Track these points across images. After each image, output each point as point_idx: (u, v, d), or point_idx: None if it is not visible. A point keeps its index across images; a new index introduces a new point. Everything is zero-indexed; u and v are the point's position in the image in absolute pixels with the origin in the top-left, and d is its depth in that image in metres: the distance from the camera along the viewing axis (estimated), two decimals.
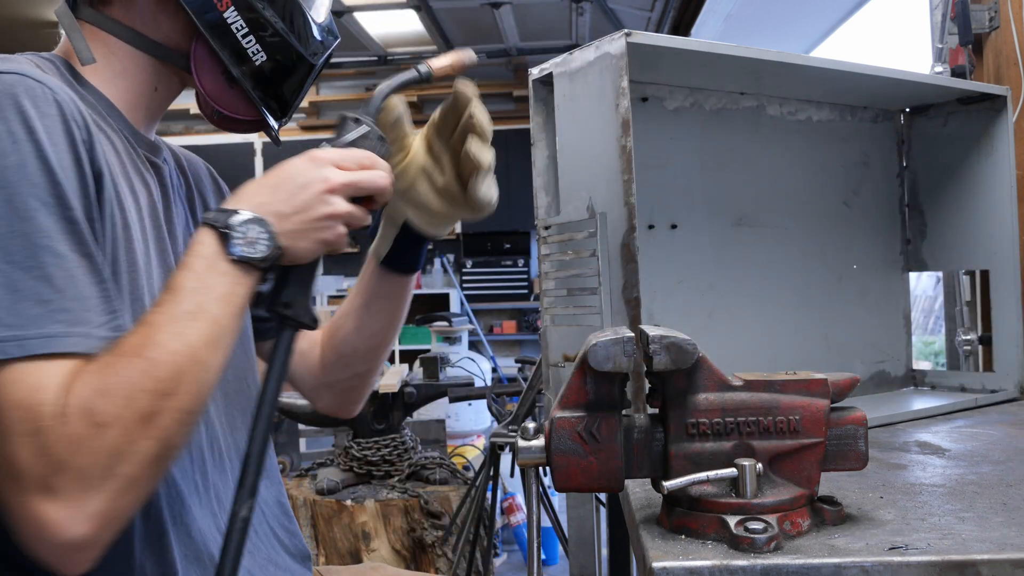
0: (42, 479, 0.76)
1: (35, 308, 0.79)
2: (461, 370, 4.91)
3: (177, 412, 0.82)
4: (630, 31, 1.09)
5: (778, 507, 0.75)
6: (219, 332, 0.86)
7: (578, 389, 0.78)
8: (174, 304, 0.85)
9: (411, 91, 8.08)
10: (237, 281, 0.89)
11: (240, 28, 1.01)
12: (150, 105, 1.07)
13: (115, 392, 0.79)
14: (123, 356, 0.81)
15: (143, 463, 0.80)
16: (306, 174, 0.93)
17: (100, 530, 0.78)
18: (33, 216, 0.81)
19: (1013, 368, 1.53)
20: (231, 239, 0.88)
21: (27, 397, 0.76)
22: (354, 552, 2.65)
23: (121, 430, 0.78)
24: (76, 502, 0.76)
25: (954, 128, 1.59)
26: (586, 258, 1.18)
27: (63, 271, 0.81)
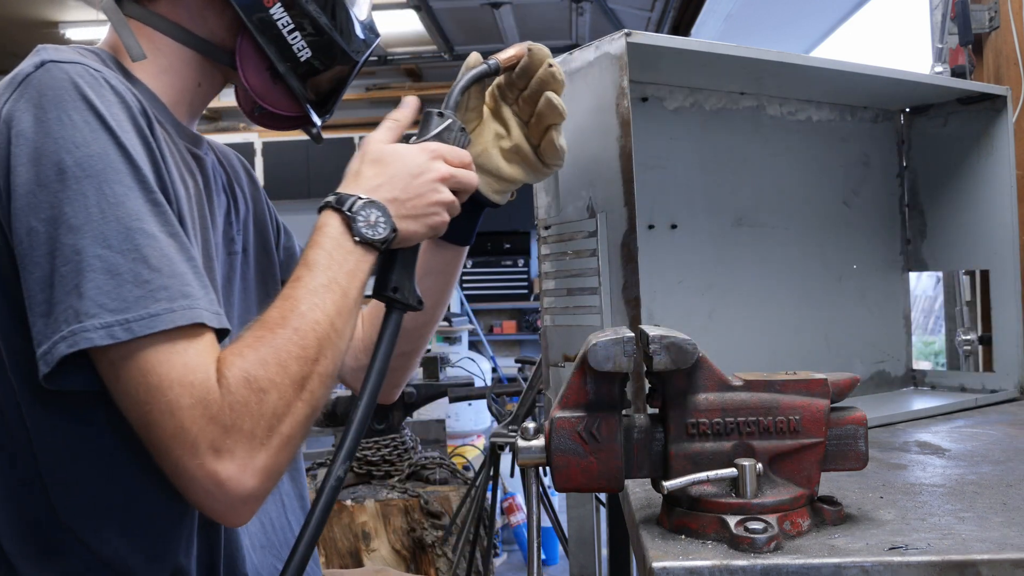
0: (214, 443, 0.83)
1: (136, 290, 0.83)
2: (461, 370, 4.92)
3: (322, 376, 0.90)
4: (630, 31, 1.09)
5: (778, 507, 0.75)
6: (349, 304, 0.94)
7: (578, 389, 0.78)
8: (310, 278, 0.92)
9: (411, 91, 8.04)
10: (361, 259, 0.96)
11: (286, 24, 1.03)
12: (193, 100, 1.10)
13: (270, 360, 0.86)
14: (271, 328, 0.89)
15: (298, 422, 0.88)
16: (420, 164, 1.01)
17: (265, 483, 0.87)
18: (122, 201, 0.85)
19: (1013, 368, 1.53)
20: (355, 221, 0.96)
21: (184, 375, 0.83)
22: (354, 552, 2.65)
23: (279, 394, 0.86)
24: (245, 460, 0.84)
25: (954, 128, 1.59)
26: (586, 258, 1.18)
27: (157, 251, 0.85)
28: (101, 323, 0.82)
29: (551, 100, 1.08)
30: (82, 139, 0.86)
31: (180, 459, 0.84)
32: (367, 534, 2.67)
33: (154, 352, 0.83)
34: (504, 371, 6.06)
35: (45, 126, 0.86)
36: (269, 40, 1.04)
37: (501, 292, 8.06)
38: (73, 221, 0.84)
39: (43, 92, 0.88)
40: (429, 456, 2.94)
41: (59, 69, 0.89)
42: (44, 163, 0.85)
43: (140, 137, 0.91)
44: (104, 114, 0.88)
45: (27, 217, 0.85)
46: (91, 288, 0.82)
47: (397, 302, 1.01)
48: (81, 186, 0.84)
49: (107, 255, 0.83)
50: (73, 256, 0.83)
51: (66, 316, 0.82)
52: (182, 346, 0.84)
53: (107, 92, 0.90)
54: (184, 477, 0.85)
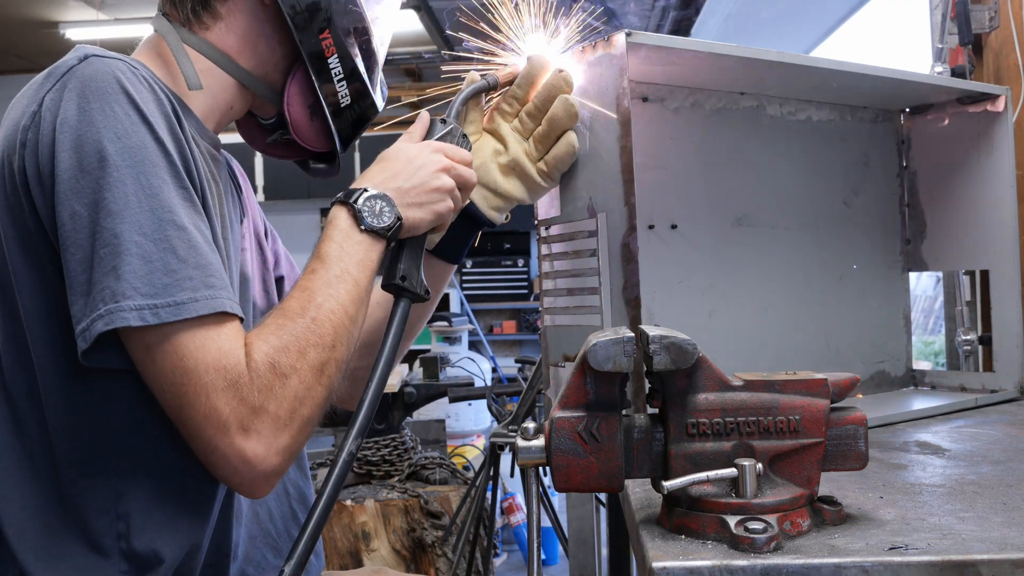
0: (243, 423, 0.89)
1: (165, 278, 0.88)
2: (461, 370, 4.91)
3: (338, 362, 0.97)
4: (630, 31, 1.09)
5: (778, 507, 0.75)
6: (360, 292, 1.01)
7: (578, 389, 0.78)
8: (324, 271, 0.99)
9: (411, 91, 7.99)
10: (369, 247, 1.03)
11: (338, 73, 1.14)
12: (221, 120, 1.16)
13: (291, 347, 0.93)
14: (290, 317, 0.95)
15: (317, 406, 0.95)
16: (422, 156, 1.08)
17: (285, 462, 0.93)
18: (157, 192, 0.91)
19: (1013, 368, 1.53)
20: (361, 212, 1.02)
21: (218, 359, 0.89)
22: (354, 552, 2.65)
23: (300, 379, 0.93)
24: (270, 440, 0.91)
25: (954, 128, 1.59)
26: (586, 258, 1.18)
27: (185, 242, 0.90)
28: (135, 304, 0.87)
29: (568, 100, 1.14)
30: (123, 130, 0.91)
31: (212, 438, 0.90)
32: (367, 534, 2.67)
33: (190, 337, 0.89)
34: (504, 371, 6.05)
35: (88, 115, 0.91)
36: (323, 84, 1.13)
37: (501, 292, 8.06)
38: (113, 207, 0.89)
39: (87, 83, 0.92)
40: (429, 456, 2.94)
41: (102, 63, 0.94)
42: (87, 150, 0.90)
43: (172, 134, 0.96)
44: (143, 108, 0.93)
45: (70, 201, 0.89)
46: (127, 271, 0.87)
47: (405, 291, 1.06)
48: (121, 174, 0.90)
49: (142, 241, 0.88)
50: (112, 240, 0.88)
51: (103, 296, 0.87)
52: (214, 332, 0.90)
53: (144, 89, 0.95)
54: (215, 454, 0.91)
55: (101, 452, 0.96)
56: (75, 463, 0.96)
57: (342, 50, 1.12)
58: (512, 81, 1.19)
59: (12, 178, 0.93)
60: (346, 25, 1.12)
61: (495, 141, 1.20)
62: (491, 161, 1.19)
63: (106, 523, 0.96)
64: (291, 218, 7.54)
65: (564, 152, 1.16)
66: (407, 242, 1.07)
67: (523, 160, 1.18)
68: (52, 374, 0.95)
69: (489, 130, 1.21)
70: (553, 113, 1.15)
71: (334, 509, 2.67)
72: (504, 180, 1.19)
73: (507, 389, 3.07)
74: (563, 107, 1.14)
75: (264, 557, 1.16)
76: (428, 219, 1.08)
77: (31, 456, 0.96)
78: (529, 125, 1.18)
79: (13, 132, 0.94)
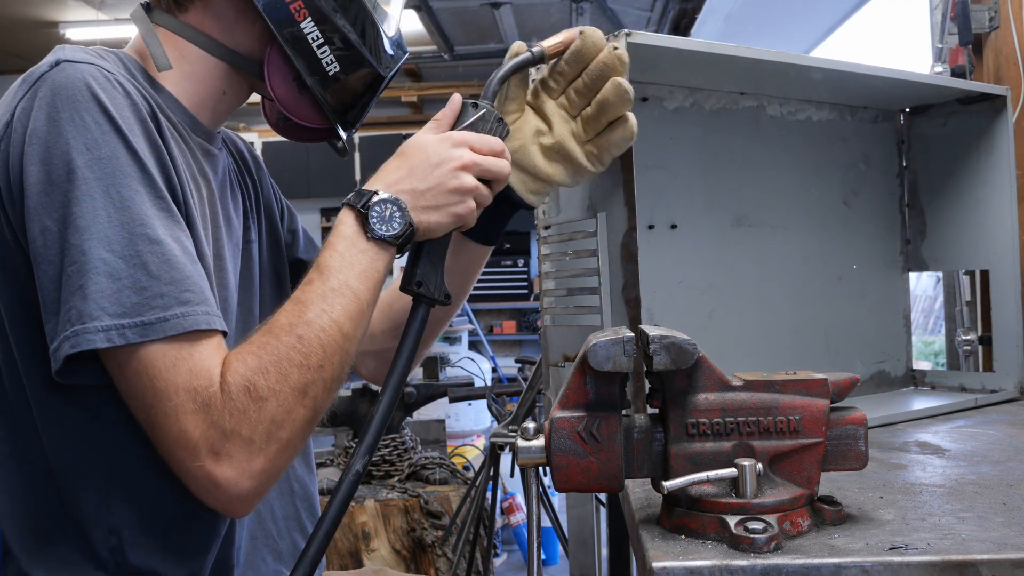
0: (213, 447, 0.86)
1: (134, 296, 0.84)
2: (461, 370, 4.91)
3: (326, 382, 0.92)
4: (630, 31, 1.09)
5: (778, 507, 0.75)
6: (360, 306, 0.95)
7: (578, 389, 0.78)
8: (321, 282, 0.93)
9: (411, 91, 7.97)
10: (376, 257, 0.97)
11: (316, 39, 1.03)
12: (217, 107, 1.10)
13: (271, 369, 0.88)
14: (276, 335, 0.90)
15: (298, 428, 0.90)
16: (440, 153, 1.00)
17: (262, 485, 0.90)
18: (128, 205, 0.87)
19: (1013, 368, 1.53)
20: (369, 218, 0.96)
21: (189, 380, 0.85)
22: (354, 552, 2.65)
23: (279, 402, 0.88)
24: (243, 464, 0.87)
25: (954, 128, 1.59)
26: (586, 258, 1.18)
27: (158, 257, 0.86)
28: (102, 326, 0.83)
29: (621, 85, 1.03)
30: (93, 140, 0.87)
31: (182, 460, 0.87)
32: (367, 534, 2.67)
33: (160, 356, 0.85)
34: (504, 371, 6.06)
35: (57, 126, 0.88)
36: (298, 53, 1.04)
37: (501, 292, 8.07)
38: (80, 222, 0.85)
39: (56, 92, 0.89)
40: (429, 456, 2.94)
41: (73, 69, 0.90)
42: (55, 163, 0.87)
43: (149, 140, 0.92)
44: (115, 116, 0.89)
45: (40, 216, 0.87)
46: (94, 290, 0.84)
47: (423, 296, 1.01)
48: (90, 187, 0.86)
49: (110, 258, 0.85)
50: (79, 256, 0.85)
51: (70, 316, 0.84)
52: (187, 351, 0.86)
53: (118, 94, 0.91)
54: (186, 476, 0.88)
55: (88, 465, 0.94)
56: (68, 474, 0.94)
57: (317, 13, 1.02)
58: (561, 53, 1.06)
59: None
60: None
61: (538, 120, 1.10)
62: (532, 143, 1.09)
63: (99, 535, 0.94)
64: None
65: (620, 138, 1.06)
66: (425, 245, 1.01)
67: (569, 143, 1.07)
68: (38, 386, 0.93)
69: (533, 106, 1.10)
70: (604, 96, 1.04)
71: None
72: (546, 163, 1.09)
73: (507, 389, 3.07)
74: (615, 91, 1.03)
75: (263, 559, 1.15)
76: (446, 222, 1.00)
77: (30, 463, 0.95)
78: (578, 103, 1.07)
79: None
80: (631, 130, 1.06)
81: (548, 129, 1.09)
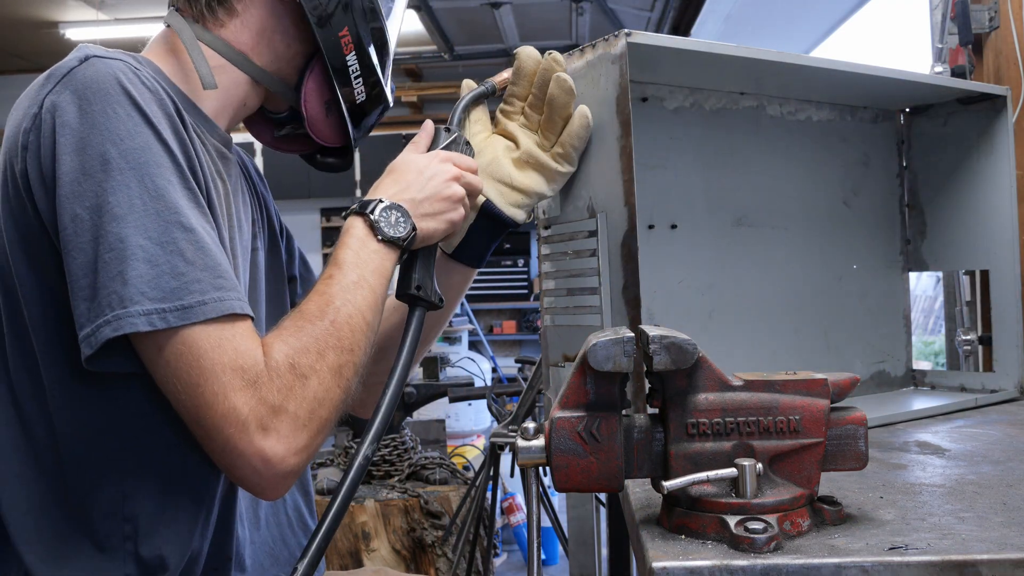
0: (262, 422, 0.89)
1: (173, 281, 0.88)
2: (461, 370, 4.92)
3: (356, 365, 0.97)
4: (630, 31, 1.09)
5: (778, 507, 0.75)
6: (376, 299, 1.01)
7: (578, 389, 0.78)
8: (341, 276, 0.99)
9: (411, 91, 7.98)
10: (385, 256, 1.04)
11: (355, 71, 1.14)
12: (234, 116, 1.15)
13: (311, 348, 0.93)
14: (310, 320, 0.95)
15: (334, 407, 0.95)
16: (432, 167, 1.10)
17: (304, 462, 0.93)
18: (163, 194, 0.90)
19: (1013, 368, 1.53)
20: (377, 223, 1.03)
21: (235, 359, 0.89)
22: (354, 552, 2.65)
23: (319, 380, 0.93)
24: (289, 439, 0.90)
25: (954, 128, 1.59)
26: (586, 258, 1.18)
27: (193, 244, 0.90)
28: (144, 310, 0.86)
29: (561, 78, 1.14)
30: (126, 132, 0.90)
31: (231, 438, 0.89)
32: (367, 534, 2.67)
33: (204, 338, 0.88)
34: (504, 371, 6.06)
35: (90, 118, 0.90)
36: (341, 81, 1.13)
37: (501, 292, 8.07)
38: (117, 210, 0.88)
39: (87, 85, 0.91)
40: (429, 456, 2.94)
41: (103, 64, 0.93)
42: (89, 153, 0.89)
43: (175, 133, 0.95)
44: (145, 109, 0.92)
45: (72, 204, 0.89)
46: (134, 276, 0.86)
47: (420, 299, 1.07)
48: (125, 177, 0.89)
49: (148, 245, 0.88)
50: (117, 244, 0.87)
51: (110, 301, 0.86)
52: (228, 333, 0.89)
53: (146, 90, 0.94)
54: (233, 455, 0.90)
55: (107, 454, 0.96)
56: (81, 465, 0.96)
57: (360, 47, 1.12)
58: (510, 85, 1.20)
59: (15, 181, 0.93)
60: (364, 22, 1.12)
61: (506, 140, 1.20)
62: (503, 157, 1.18)
63: (113, 525, 0.96)
64: (291, 218, 7.53)
65: (579, 128, 1.14)
66: (420, 252, 1.09)
67: (535, 151, 1.17)
68: (57, 377, 0.95)
69: (499, 132, 1.22)
70: (551, 95, 1.14)
71: None
72: (520, 173, 1.18)
73: (507, 389, 3.07)
74: (558, 85, 1.14)
75: (260, 564, 1.15)
76: (442, 228, 1.09)
77: (37, 457, 0.96)
78: (535, 117, 1.18)
79: (15, 135, 0.94)
80: (586, 118, 1.14)
81: (516, 145, 1.19)
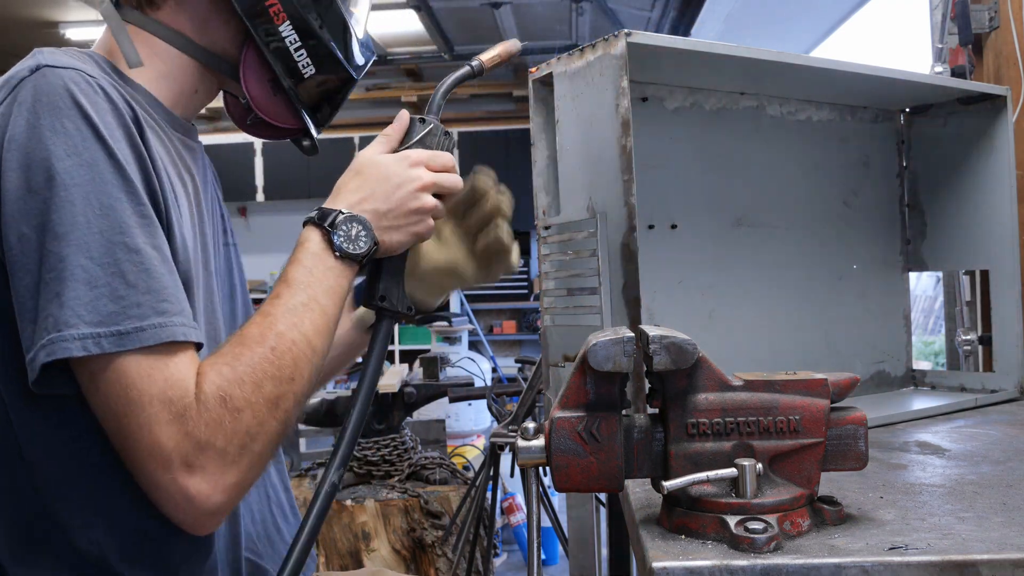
0: (186, 458, 0.84)
1: (111, 305, 0.83)
2: (461, 370, 4.91)
3: (296, 395, 0.91)
4: (630, 31, 1.09)
5: (778, 507, 0.75)
6: (327, 321, 0.95)
7: (578, 389, 0.78)
8: (289, 296, 0.93)
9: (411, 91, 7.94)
10: (341, 274, 0.98)
11: (293, 42, 1.04)
12: (188, 105, 1.10)
13: (247, 379, 0.87)
14: (249, 346, 0.89)
15: (270, 441, 0.89)
16: (400, 174, 1.02)
17: (233, 499, 0.88)
18: (108, 213, 0.85)
19: (1013, 368, 1.53)
20: (336, 236, 0.97)
21: (164, 390, 0.84)
22: (354, 552, 2.65)
23: (253, 413, 0.87)
24: (216, 476, 0.85)
25: (954, 128, 1.59)
26: (586, 258, 1.18)
27: (136, 266, 0.85)
28: (78, 334, 0.82)
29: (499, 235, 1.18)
30: (73, 147, 0.86)
31: (153, 472, 0.85)
32: (367, 534, 2.67)
33: (135, 366, 0.84)
34: (504, 371, 6.06)
35: (37, 132, 0.86)
36: (276, 55, 1.05)
37: (501, 292, 8.06)
38: (59, 229, 0.84)
39: (38, 97, 0.87)
40: (429, 456, 2.94)
41: (54, 75, 0.88)
42: (35, 169, 0.85)
43: (131, 146, 0.90)
44: (97, 123, 0.87)
45: (18, 223, 0.85)
46: (71, 298, 0.82)
47: (386, 311, 1.03)
48: (69, 194, 0.84)
49: (88, 266, 0.83)
50: (57, 264, 0.83)
51: (46, 324, 0.83)
52: (162, 362, 0.85)
53: (100, 99, 0.90)
54: (156, 489, 0.86)
55: (66, 476, 0.92)
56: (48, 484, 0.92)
57: (294, 15, 1.03)
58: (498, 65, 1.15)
59: None
60: None
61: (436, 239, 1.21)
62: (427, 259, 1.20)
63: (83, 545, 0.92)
64: (291, 218, 7.54)
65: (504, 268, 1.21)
66: (385, 261, 1.04)
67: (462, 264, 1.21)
68: (16, 397, 0.91)
69: None
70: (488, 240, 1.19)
71: (334, 508, 2.68)
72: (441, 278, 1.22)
73: (507, 389, 3.07)
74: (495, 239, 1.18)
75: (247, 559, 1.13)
76: (406, 241, 1.03)
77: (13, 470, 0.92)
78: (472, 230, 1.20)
79: None
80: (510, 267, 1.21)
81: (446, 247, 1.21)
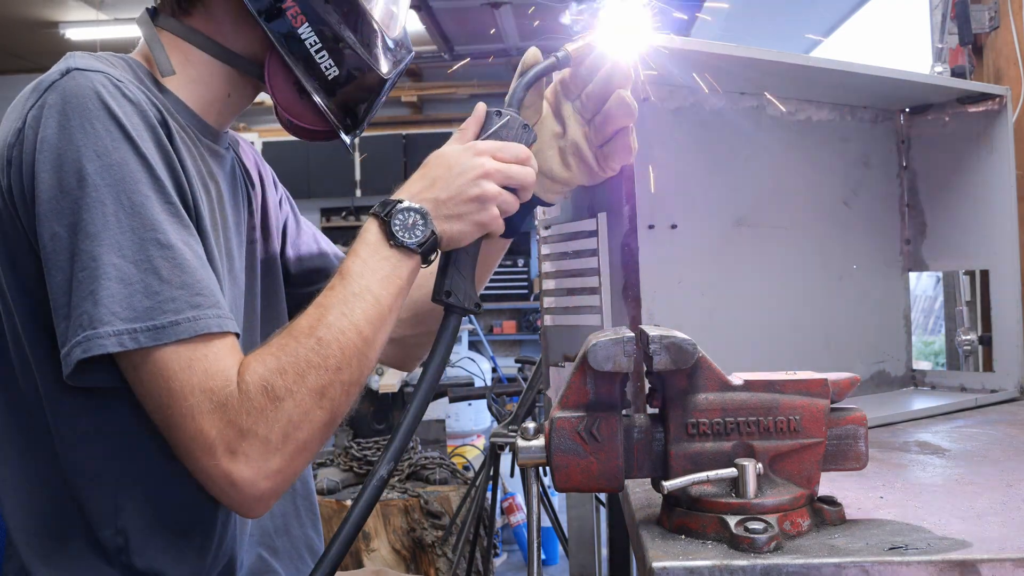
0: (230, 446, 0.88)
1: (146, 301, 0.86)
2: (461, 370, 4.91)
3: (344, 384, 0.93)
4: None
5: (778, 507, 0.75)
6: (382, 311, 0.96)
7: (578, 389, 0.78)
8: (343, 287, 0.95)
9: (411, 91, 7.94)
10: (398, 263, 0.98)
11: (314, 44, 1.05)
12: (222, 110, 1.11)
13: (289, 369, 0.90)
14: (296, 337, 0.92)
15: (315, 429, 0.92)
16: (462, 163, 1.01)
17: (279, 485, 0.91)
18: (139, 211, 0.88)
19: (1013, 368, 1.53)
20: (392, 226, 0.97)
21: (204, 381, 0.87)
22: (354, 552, 2.65)
23: (296, 403, 0.89)
24: (259, 463, 0.89)
25: (954, 128, 1.59)
26: (586, 258, 1.18)
27: (169, 262, 0.88)
28: (113, 331, 0.85)
29: (624, 100, 1.03)
30: (103, 148, 0.89)
31: (199, 459, 0.89)
32: (367, 534, 2.67)
33: (175, 358, 0.87)
34: (504, 371, 6.05)
35: (68, 133, 0.89)
36: (296, 57, 1.05)
37: (501, 292, 8.06)
38: (91, 228, 0.87)
39: (67, 100, 0.90)
40: (429, 456, 2.94)
41: (83, 77, 0.92)
42: (66, 170, 0.88)
43: (159, 146, 0.93)
44: (125, 124, 0.90)
45: (51, 222, 0.88)
46: (105, 296, 0.85)
47: (452, 306, 1.02)
48: (100, 194, 0.87)
49: (121, 264, 0.86)
50: (90, 262, 0.86)
51: (81, 321, 0.86)
52: (201, 353, 0.88)
53: (127, 102, 0.93)
54: (203, 476, 0.90)
55: (98, 465, 0.96)
56: (78, 472, 0.95)
57: (314, 17, 1.03)
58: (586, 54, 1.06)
59: (1, 197, 0.93)
60: None
61: (555, 122, 1.10)
62: (548, 147, 1.09)
63: (108, 535, 0.95)
64: None
65: (623, 148, 1.06)
66: (453, 255, 1.03)
67: (583, 146, 1.07)
68: (50, 387, 0.94)
69: (552, 106, 1.11)
70: (608, 108, 1.04)
71: (334, 508, 2.68)
72: (561, 168, 1.09)
73: (507, 389, 3.07)
74: (617, 103, 1.03)
75: (259, 555, 1.15)
76: (469, 231, 1.01)
77: (39, 461, 0.96)
78: (590, 108, 1.07)
79: (1, 149, 0.93)
80: (628, 147, 1.06)
81: (563, 132, 1.09)
